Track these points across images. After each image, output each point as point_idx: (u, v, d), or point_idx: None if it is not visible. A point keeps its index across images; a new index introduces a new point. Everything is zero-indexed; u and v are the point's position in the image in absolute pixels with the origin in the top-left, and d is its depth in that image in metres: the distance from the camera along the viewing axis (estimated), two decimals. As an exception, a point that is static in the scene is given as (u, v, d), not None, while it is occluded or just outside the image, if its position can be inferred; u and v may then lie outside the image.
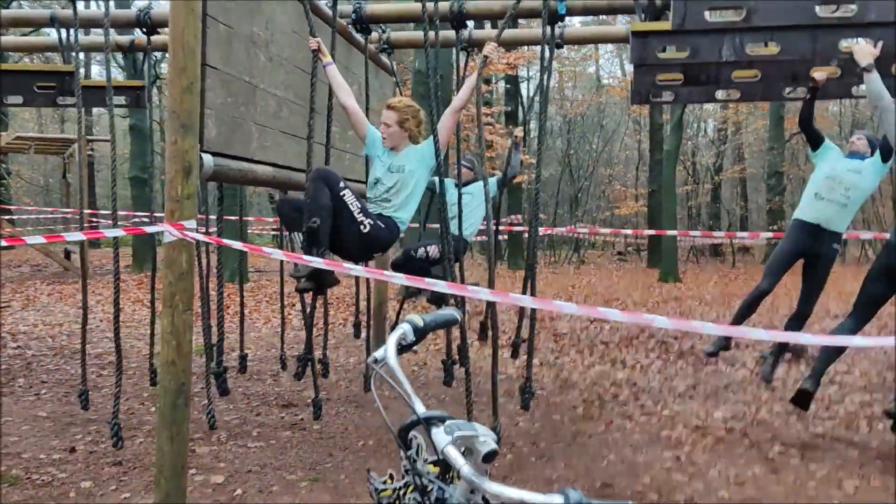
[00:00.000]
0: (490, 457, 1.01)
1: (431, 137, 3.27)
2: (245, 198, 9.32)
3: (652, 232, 11.65)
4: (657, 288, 12.27)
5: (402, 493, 1.17)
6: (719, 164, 22.17)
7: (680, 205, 20.11)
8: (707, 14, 3.19)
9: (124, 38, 5.25)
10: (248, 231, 14.69)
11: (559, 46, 4.69)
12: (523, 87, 19.90)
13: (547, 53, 3.85)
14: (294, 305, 8.65)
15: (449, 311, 1.30)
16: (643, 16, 3.53)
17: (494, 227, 4.34)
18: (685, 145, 19.73)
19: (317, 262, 2.90)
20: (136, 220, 13.02)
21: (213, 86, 2.90)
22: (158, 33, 4.72)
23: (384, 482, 1.21)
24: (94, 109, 23.80)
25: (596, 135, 22.90)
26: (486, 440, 1.02)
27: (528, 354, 3.69)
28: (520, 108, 17.25)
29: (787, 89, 4.40)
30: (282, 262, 5.32)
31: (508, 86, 15.53)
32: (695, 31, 3.51)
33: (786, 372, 5.43)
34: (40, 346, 6.18)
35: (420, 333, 1.23)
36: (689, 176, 22.04)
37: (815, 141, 4.13)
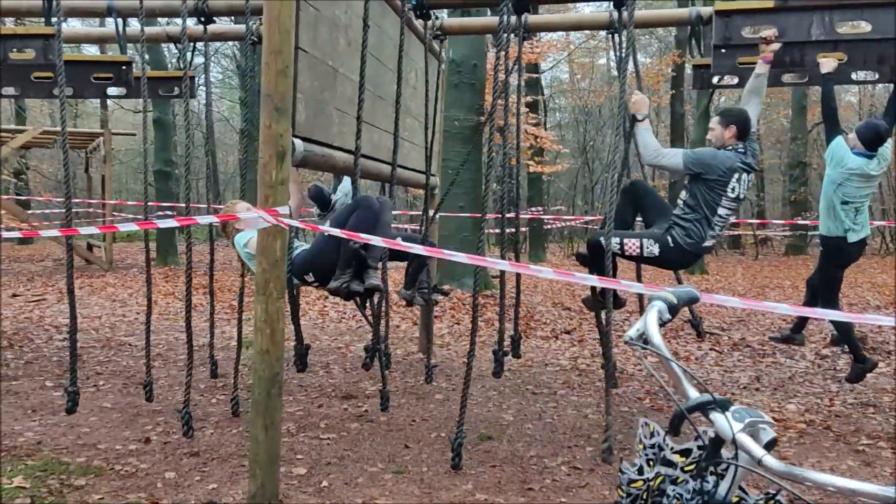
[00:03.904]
0: (772, 444, 0.95)
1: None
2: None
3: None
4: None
5: (651, 484, 1.11)
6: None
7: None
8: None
9: (175, 29, 5.20)
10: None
11: (617, 32, 4.62)
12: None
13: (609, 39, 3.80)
14: (327, 297, 8.60)
15: (690, 288, 1.25)
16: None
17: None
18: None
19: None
20: (161, 213, 13.04)
21: (303, 69, 2.84)
22: (214, 22, 4.67)
23: (636, 472, 1.15)
24: (108, 103, 23.85)
25: (608, 126, 22.73)
26: (766, 427, 0.96)
27: (605, 341, 3.61)
28: (540, 97, 17.11)
29: (857, 74, 4.30)
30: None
31: (530, 75, 15.40)
32: (784, 8, 3.42)
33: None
34: (86, 339, 6.17)
35: (674, 311, 1.18)
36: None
37: None
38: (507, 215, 4.10)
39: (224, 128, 30.19)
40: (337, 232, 2.82)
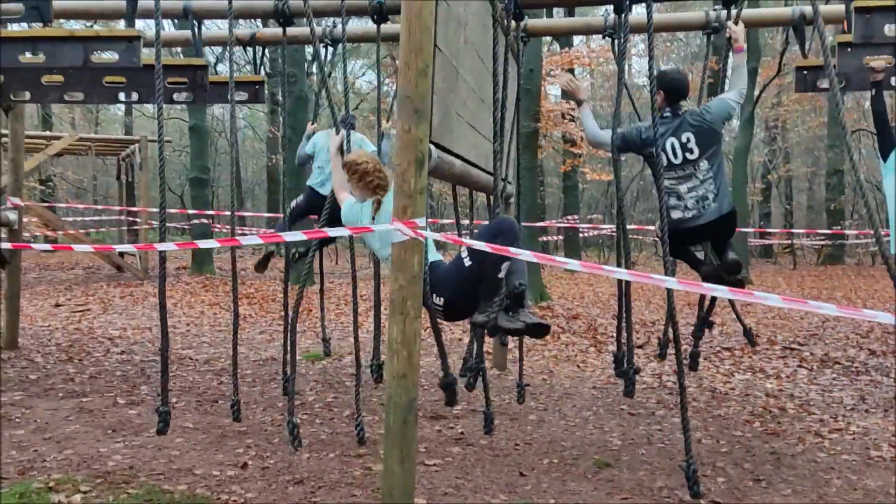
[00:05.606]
0: None
1: None
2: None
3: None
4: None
5: None
6: (775, 163, 21.58)
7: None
8: None
9: (245, 32, 5.04)
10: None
11: (716, 31, 4.42)
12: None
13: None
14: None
15: None
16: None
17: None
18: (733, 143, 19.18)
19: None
20: (197, 221, 12.92)
21: (437, 69, 2.63)
22: (294, 24, 4.49)
23: None
24: (134, 109, 23.83)
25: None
26: None
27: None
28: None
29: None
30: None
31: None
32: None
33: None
34: (144, 352, 5.98)
35: None
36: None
37: None
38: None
39: (241, 135, 30.14)
40: (480, 245, 2.60)
